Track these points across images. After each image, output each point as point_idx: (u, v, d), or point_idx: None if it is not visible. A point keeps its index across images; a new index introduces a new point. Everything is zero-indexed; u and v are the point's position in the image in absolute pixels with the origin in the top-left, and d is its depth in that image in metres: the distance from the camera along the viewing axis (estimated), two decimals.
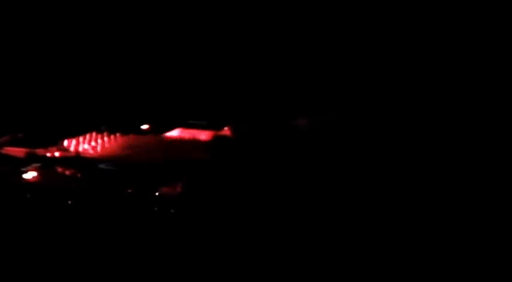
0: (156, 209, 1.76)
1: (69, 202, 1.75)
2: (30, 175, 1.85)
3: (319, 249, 1.70)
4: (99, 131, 2.16)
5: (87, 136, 2.12)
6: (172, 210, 1.76)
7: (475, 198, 1.79)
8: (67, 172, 1.88)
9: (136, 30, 2.44)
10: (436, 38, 1.90)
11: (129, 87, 2.36)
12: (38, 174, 1.86)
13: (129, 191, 1.81)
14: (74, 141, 2.05)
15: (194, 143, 2.02)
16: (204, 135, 2.04)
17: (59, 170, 1.91)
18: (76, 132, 2.13)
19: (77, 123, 2.18)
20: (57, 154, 1.95)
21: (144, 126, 2.24)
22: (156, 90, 2.33)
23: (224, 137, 2.02)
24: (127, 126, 2.19)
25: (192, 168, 1.91)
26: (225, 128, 2.05)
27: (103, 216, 1.74)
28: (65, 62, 2.35)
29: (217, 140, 1.99)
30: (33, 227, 1.75)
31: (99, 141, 2.07)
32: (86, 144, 2.04)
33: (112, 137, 2.11)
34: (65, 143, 2.05)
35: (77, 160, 1.96)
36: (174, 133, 2.07)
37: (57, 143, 2.05)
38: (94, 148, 2.01)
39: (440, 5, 1.90)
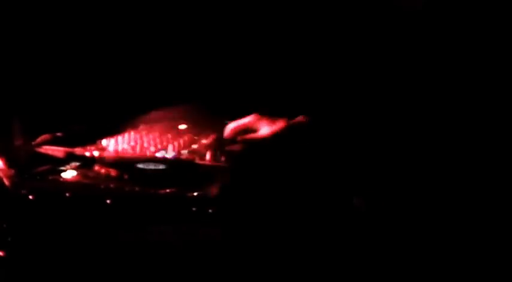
0: (194, 209, 1.74)
1: (108, 201, 1.74)
2: (69, 174, 1.85)
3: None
4: (138, 131, 2.16)
5: (126, 135, 2.11)
6: (210, 211, 1.73)
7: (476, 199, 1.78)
8: (106, 171, 1.87)
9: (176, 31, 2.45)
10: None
11: (167, 86, 2.36)
12: (76, 174, 1.86)
13: (168, 190, 1.77)
14: (112, 141, 2.04)
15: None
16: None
17: (98, 169, 1.91)
18: (115, 131, 2.13)
19: (116, 123, 2.19)
20: (96, 153, 1.94)
21: (182, 126, 2.24)
22: (196, 89, 2.33)
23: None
24: (165, 126, 2.19)
25: (233, 169, 1.91)
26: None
27: (142, 216, 1.74)
28: (103, 62, 2.36)
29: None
30: (72, 225, 1.76)
31: (138, 140, 2.07)
32: (125, 144, 2.02)
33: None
34: (104, 142, 2.05)
35: (116, 159, 1.93)
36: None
37: (95, 142, 2.05)
38: (133, 147, 2.00)
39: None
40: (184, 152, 2.03)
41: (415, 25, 1.88)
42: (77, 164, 1.93)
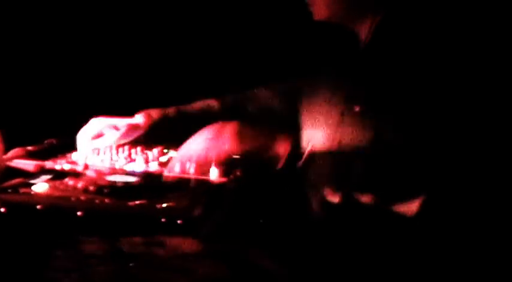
0: (163, 220, 1.77)
1: (79, 213, 1.76)
2: (40, 187, 1.87)
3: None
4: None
5: (96, 149, 2.14)
6: (179, 221, 1.76)
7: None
8: (76, 184, 1.91)
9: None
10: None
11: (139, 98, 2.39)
12: (48, 187, 1.88)
13: (137, 202, 1.82)
14: (83, 154, 2.07)
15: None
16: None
17: (69, 182, 1.93)
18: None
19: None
20: (66, 167, 1.97)
21: None
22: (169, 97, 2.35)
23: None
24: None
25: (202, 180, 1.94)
26: None
27: (112, 228, 1.77)
28: (74, 74, 2.38)
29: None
30: (43, 237, 1.78)
31: (108, 153, 2.10)
32: (95, 157, 2.05)
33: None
34: (74, 155, 2.09)
35: (86, 172, 1.98)
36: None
37: (66, 155, 2.08)
38: (102, 161, 2.02)
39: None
40: (154, 164, 2.03)
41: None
42: (48, 177, 1.94)
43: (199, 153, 1.91)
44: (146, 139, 2.19)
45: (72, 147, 2.15)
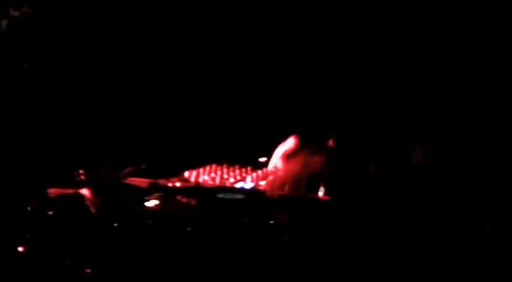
0: (270, 236, 1.87)
1: (188, 229, 1.87)
2: (152, 203, 1.94)
3: None
4: (219, 163, 2.30)
5: (207, 168, 2.25)
6: (285, 238, 1.86)
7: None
8: (187, 201, 1.99)
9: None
10: None
11: (247, 119, 2.48)
12: (159, 203, 1.95)
13: (245, 219, 1.90)
14: (194, 173, 2.18)
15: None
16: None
17: (179, 199, 2.00)
18: (196, 164, 2.25)
19: (198, 155, 2.29)
20: (178, 184, 2.07)
21: (262, 159, 2.38)
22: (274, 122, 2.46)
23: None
24: (245, 159, 2.33)
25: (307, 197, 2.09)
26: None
27: (220, 243, 1.89)
28: (185, 95, 2.45)
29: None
30: (154, 250, 1.86)
31: (219, 172, 2.21)
32: (206, 176, 2.16)
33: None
34: (186, 174, 2.19)
35: (197, 190, 2.06)
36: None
37: (178, 174, 2.18)
38: (213, 179, 2.14)
39: None
40: (262, 183, 2.14)
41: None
42: (160, 194, 2.01)
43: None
44: None
45: (183, 166, 2.22)
